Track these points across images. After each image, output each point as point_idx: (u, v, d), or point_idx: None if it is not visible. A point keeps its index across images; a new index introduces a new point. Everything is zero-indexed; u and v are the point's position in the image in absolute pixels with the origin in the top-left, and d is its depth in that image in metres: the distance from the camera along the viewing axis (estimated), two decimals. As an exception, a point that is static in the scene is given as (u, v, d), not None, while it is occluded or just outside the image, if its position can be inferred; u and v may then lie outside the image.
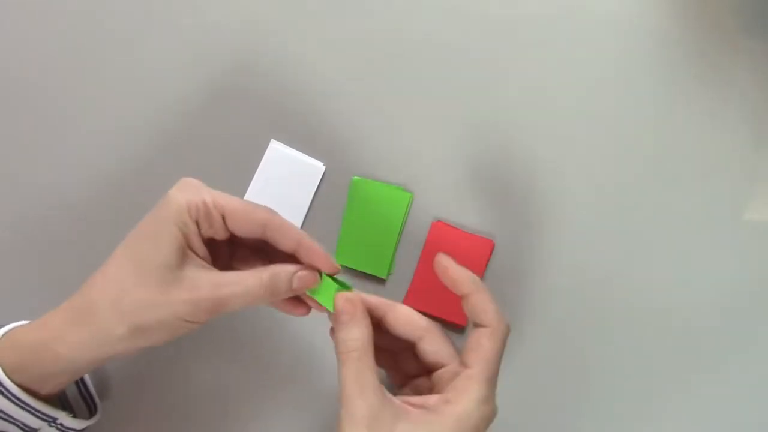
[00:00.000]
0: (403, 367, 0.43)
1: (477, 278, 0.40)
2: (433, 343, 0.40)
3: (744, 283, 0.50)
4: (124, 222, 0.40)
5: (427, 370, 0.41)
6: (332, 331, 0.41)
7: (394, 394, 0.39)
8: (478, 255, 0.50)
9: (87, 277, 0.39)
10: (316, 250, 0.40)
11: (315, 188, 0.50)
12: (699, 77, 0.51)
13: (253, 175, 0.51)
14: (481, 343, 0.38)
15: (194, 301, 0.37)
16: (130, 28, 0.52)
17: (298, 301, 0.42)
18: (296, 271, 0.40)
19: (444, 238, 0.50)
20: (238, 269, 0.43)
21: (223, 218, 0.39)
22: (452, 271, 0.40)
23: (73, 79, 0.52)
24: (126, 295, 0.37)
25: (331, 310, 0.40)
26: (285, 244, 0.40)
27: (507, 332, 0.39)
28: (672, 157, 0.51)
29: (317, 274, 0.40)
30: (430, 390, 0.41)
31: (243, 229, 0.40)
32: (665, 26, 0.52)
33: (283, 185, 0.50)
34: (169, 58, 0.52)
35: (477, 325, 0.39)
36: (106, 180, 0.51)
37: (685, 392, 0.50)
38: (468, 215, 0.50)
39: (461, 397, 0.37)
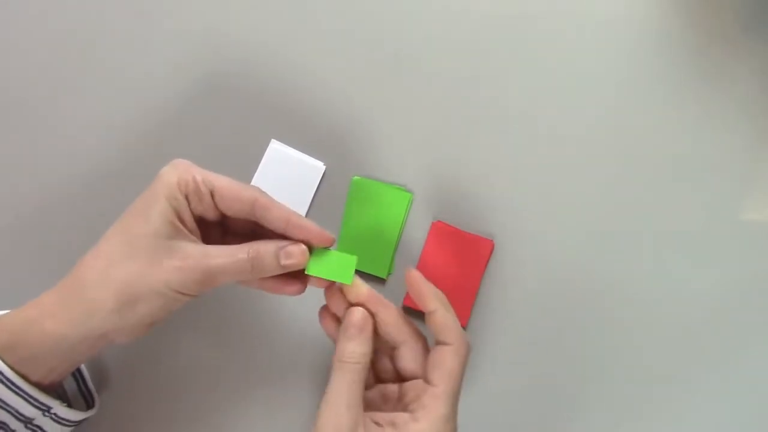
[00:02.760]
0: (377, 369, 0.43)
1: (442, 295, 0.41)
2: (412, 352, 0.41)
3: (743, 282, 0.50)
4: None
5: (400, 378, 0.42)
6: (322, 313, 0.42)
7: (367, 397, 0.40)
8: (478, 255, 0.50)
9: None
10: (306, 226, 0.40)
11: (315, 188, 0.50)
12: (699, 77, 0.51)
13: (253, 175, 0.51)
14: (444, 361, 0.39)
15: (184, 270, 0.37)
16: (129, 28, 0.52)
17: (290, 279, 0.42)
18: (284, 246, 0.39)
19: (444, 238, 0.50)
20: None
21: (213, 196, 0.40)
22: (421, 285, 0.41)
23: (72, 79, 0.51)
24: (115, 267, 0.37)
25: (336, 280, 0.40)
26: (274, 224, 0.40)
27: (468, 351, 0.40)
28: (672, 156, 0.51)
29: (305, 248, 0.40)
30: (398, 398, 0.41)
31: (232, 207, 0.40)
32: (666, 26, 0.52)
33: (283, 185, 0.50)
34: (168, 58, 0.52)
35: (439, 342, 0.40)
36: (105, 180, 0.51)
37: (684, 392, 0.50)
38: (468, 215, 0.50)
39: (428, 416, 0.38)
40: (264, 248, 0.39)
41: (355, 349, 0.39)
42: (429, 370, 0.39)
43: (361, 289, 0.41)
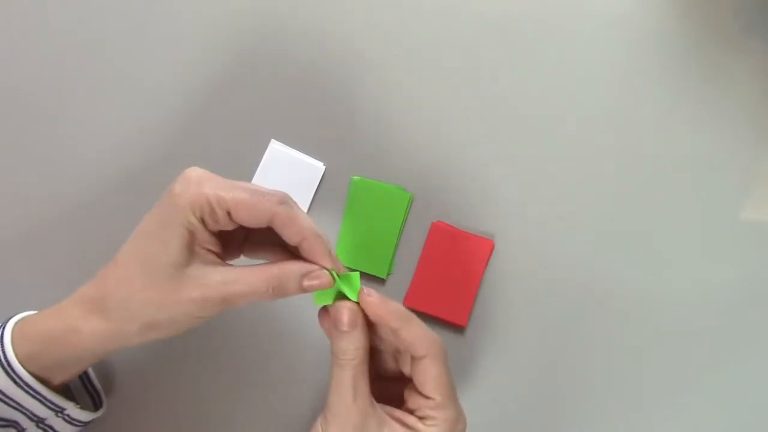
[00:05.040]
0: (378, 365, 0.43)
1: (404, 310, 0.39)
2: (431, 369, 0.40)
3: (743, 282, 0.50)
4: (123, 220, 0.40)
5: (400, 377, 0.42)
6: (321, 316, 0.41)
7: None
8: (478, 255, 0.50)
9: (85, 270, 0.39)
10: (317, 250, 0.39)
11: (315, 188, 0.50)
12: (699, 77, 0.51)
13: (253, 175, 0.51)
14: (429, 373, 0.39)
15: (202, 299, 0.38)
16: (130, 28, 0.52)
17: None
18: (308, 272, 0.39)
19: (444, 238, 0.50)
20: (252, 255, 0.43)
21: (229, 214, 0.39)
22: (379, 309, 0.39)
23: (72, 79, 0.51)
24: (136, 295, 0.38)
25: (327, 303, 0.40)
26: (289, 238, 0.39)
27: (443, 349, 0.40)
28: (672, 156, 0.51)
29: (329, 276, 0.39)
30: (400, 397, 0.41)
31: (249, 222, 0.39)
32: (666, 26, 0.52)
33: (283, 185, 0.50)
34: (169, 58, 0.52)
35: (415, 357, 0.39)
36: (106, 179, 0.51)
37: (684, 392, 0.50)
38: (468, 215, 0.50)
39: (437, 424, 0.39)
40: (286, 276, 0.39)
41: (349, 346, 0.39)
42: (420, 386, 0.40)
43: (377, 308, 0.40)
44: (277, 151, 0.51)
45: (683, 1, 0.52)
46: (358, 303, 0.40)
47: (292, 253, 0.41)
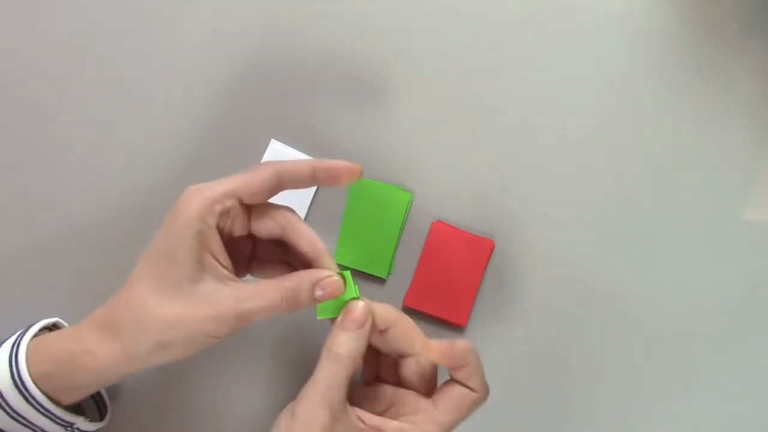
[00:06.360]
0: (380, 368, 0.43)
1: (471, 347, 0.40)
2: (418, 366, 0.40)
3: (743, 283, 0.50)
4: (124, 220, 0.40)
5: (399, 382, 0.42)
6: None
7: (361, 390, 0.41)
8: (478, 255, 0.50)
9: (86, 274, 0.39)
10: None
11: (315, 188, 0.50)
12: (699, 77, 0.51)
13: (253, 175, 0.51)
14: (462, 403, 0.40)
15: (216, 318, 0.37)
16: (131, 30, 0.52)
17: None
18: (318, 280, 0.39)
19: (444, 238, 0.50)
20: (259, 273, 0.43)
21: (249, 213, 0.39)
22: (455, 347, 0.39)
23: (71, 81, 0.51)
24: (149, 314, 0.37)
25: (329, 317, 0.40)
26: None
27: (485, 401, 0.41)
28: (672, 156, 0.51)
29: (342, 282, 0.39)
30: (391, 403, 0.41)
31: (261, 192, 0.39)
32: (666, 26, 0.52)
33: (283, 185, 0.50)
34: (169, 59, 0.52)
35: (462, 382, 0.40)
36: (107, 181, 0.51)
37: (684, 392, 0.50)
38: (468, 215, 0.50)
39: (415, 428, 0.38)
40: (299, 287, 0.39)
41: (348, 342, 0.39)
42: (441, 398, 0.39)
43: (376, 311, 0.40)
44: (277, 151, 0.51)
45: (683, 1, 0.52)
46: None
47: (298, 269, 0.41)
